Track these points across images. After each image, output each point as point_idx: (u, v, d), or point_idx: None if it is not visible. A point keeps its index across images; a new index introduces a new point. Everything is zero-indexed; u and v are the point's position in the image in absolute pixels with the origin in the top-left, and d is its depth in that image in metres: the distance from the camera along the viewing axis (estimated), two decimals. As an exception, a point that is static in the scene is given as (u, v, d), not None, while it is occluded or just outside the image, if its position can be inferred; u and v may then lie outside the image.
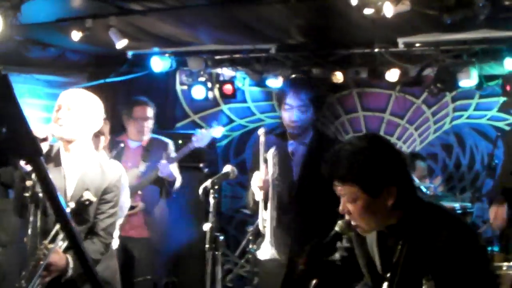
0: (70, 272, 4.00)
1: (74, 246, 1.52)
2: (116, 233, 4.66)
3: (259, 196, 4.75)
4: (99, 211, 4.28)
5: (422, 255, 2.86)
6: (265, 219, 4.70)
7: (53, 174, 4.25)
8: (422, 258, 2.85)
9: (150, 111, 6.92)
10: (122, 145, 6.77)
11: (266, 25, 6.91)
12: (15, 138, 1.32)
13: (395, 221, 2.96)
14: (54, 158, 4.29)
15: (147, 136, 6.90)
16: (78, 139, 4.27)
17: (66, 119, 4.16)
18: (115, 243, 4.66)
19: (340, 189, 2.98)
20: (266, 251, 4.59)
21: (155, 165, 6.57)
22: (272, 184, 4.70)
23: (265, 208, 4.73)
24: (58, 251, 3.96)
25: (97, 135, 5.56)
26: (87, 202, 4.14)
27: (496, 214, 6.16)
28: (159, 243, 7.00)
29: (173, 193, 6.96)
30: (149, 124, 6.90)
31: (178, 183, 6.81)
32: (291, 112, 4.89)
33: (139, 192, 6.62)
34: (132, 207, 6.40)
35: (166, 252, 7.75)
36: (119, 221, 5.30)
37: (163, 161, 6.54)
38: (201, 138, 6.80)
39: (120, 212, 4.99)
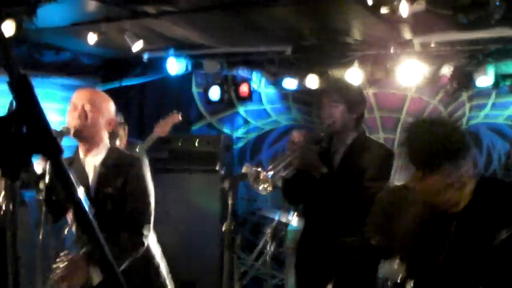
0: (96, 280, 3.92)
1: (97, 250, 1.51)
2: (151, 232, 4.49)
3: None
4: (126, 205, 4.21)
5: None
6: None
7: (78, 176, 4.27)
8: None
9: None
10: (137, 149, 6.80)
11: (280, 27, 6.91)
12: (36, 137, 1.32)
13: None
14: (77, 162, 4.31)
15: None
16: (95, 136, 4.28)
17: (85, 119, 4.18)
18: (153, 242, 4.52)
19: None
20: None
21: None
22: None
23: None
24: (76, 260, 3.89)
25: (113, 137, 5.58)
26: (110, 198, 4.14)
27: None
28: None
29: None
30: None
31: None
32: (323, 110, 4.91)
33: None
34: None
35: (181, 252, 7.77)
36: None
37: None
38: (162, 126, 6.81)
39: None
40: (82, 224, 1.46)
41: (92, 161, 4.30)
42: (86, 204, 1.48)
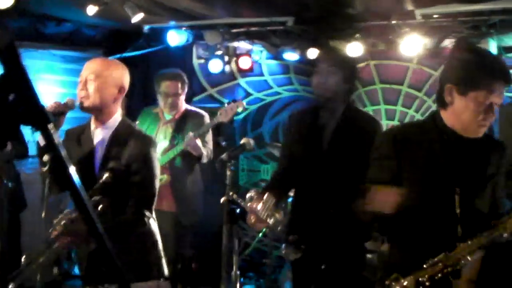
0: (93, 244, 3.94)
1: (86, 218, 1.51)
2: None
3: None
4: (132, 181, 4.18)
5: None
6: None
7: (84, 149, 4.27)
8: None
9: (179, 86, 6.82)
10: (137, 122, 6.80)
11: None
12: (23, 106, 1.31)
13: None
14: (86, 134, 4.30)
15: (178, 109, 6.85)
16: (102, 107, 4.21)
17: (94, 87, 4.15)
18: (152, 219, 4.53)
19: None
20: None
21: (180, 138, 6.56)
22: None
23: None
24: (79, 220, 3.89)
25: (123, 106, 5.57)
26: (116, 173, 4.12)
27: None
28: (188, 220, 6.94)
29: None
30: (179, 98, 6.83)
31: (204, 159, 6.73)
32: (320, 75, 4.87)
33: (167, 166, 6.59)
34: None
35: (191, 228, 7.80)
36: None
37: (190, 135, 6.47)
38: (225, 112, 6.72)
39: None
40: (72, 195, 1.45)
41: (101, 134, 4.26)
42: (74, 174, 1.47)
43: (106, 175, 3.97)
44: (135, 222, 4.20)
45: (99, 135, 4.27)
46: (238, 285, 4.36)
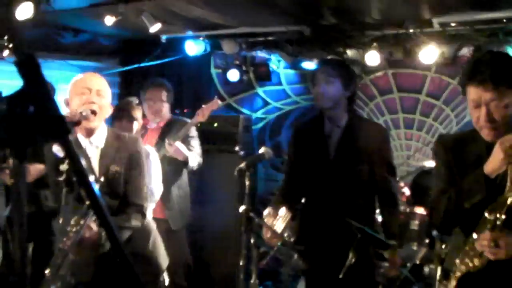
0: (107, 246, 4.01)
1: (104, 224, 1.52)
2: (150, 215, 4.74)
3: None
4: (128, 179, 4.44)
5: None
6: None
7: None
8: None
9: (164, 95, 6.95)
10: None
11: (298, 7, 6.88)
12: (43, 117, 1.33)
13: None
14: (75, 142, 4.38)
15: (163, 117, 6.94)
16: (102, 119, 4.48)
17: (98, 105, 4.27)
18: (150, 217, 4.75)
19: (489, 95, 3.23)
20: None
21: (162, 144, 6.64)
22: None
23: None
24: (90, 226, 3.98)
25: (131, 120, 5.65)
26: (116, 175, 4.27)
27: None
28: (177, 224, 6.98)
29: (191, 174, 7.01)
30: (163, 106, 6.94)
31: (193, 163, 6.80)
32: (318, 86, 4.89)
33: None
34: None
35: (200, 233, 7.81)
36: (151, 206, 5.40)
37: (167, 140, 6.57)
38: (203, 112, 6.82)
39: (151, 197, 5.11)
40: (92, 203, 1.47)
41: (95, 142, 4.43)
42: (94, 185, 1.50)
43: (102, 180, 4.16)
44: (137, 216, 4.41)
45: (93, 143, 4.46)
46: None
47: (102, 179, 4.22)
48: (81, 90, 4.32)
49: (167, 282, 5.83)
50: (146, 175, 4.63)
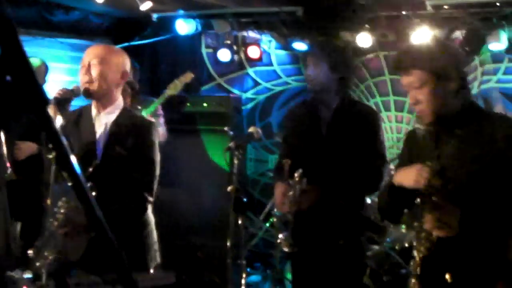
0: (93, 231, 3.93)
1: (87, 208, 1.48)
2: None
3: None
4: (134, 168, 4.20)
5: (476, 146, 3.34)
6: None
7: (85, 133, 4.26)
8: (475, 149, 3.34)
9: None
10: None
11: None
12: (20, 87, 1.27)
13: (457, 109, 3.41)
14: (86, 118, 4.29)
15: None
16: (105, 92, 4.23)
17: (95, 74, 4.14)
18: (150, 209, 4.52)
19: (407, 79, 3.42)
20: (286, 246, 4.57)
21: None
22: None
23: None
24: (79, 209, 3.85)
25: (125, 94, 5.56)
26: (118, 158, 4.13)
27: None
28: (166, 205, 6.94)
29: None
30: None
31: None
32: (308, 68, 4.87)
33: None
34: None
35: (182, 216, 7.78)
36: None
37: None
38: (175, 85, 6.77)
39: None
40: (72, 180, 1.42)
41: (104, 119, 4.27)
42: (73, 159, 1.44)
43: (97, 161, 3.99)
44: (136, 209, 4.21)
45: (101, 120, 4.27)
46: (244, 275, 4.34)
47: (98, 160, 4.05)
48: (81, 65, 4.23)
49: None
50: (154, 167, 4.30)
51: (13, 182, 5.42)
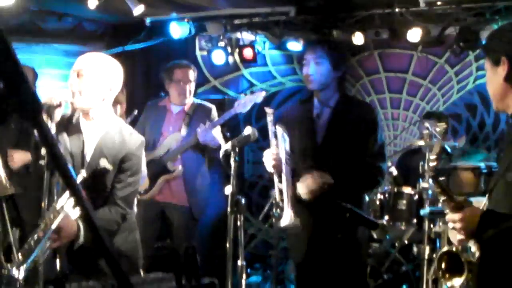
0: (81, 238, 3.91)
1: (83, 213, 1.47)
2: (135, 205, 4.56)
3: (271, 169, 4.75)
4: (117, 180, 4.19)
5: None
6: (281, 189, 4.66)
7: (73, 142, 4.22)
8: None
9: (191, 74, 6.78)
10: (135, 112, 6.77)
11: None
12: (13, 94, 1.26)
13: None
14: (75, 125, 4.25)
15: (189, 99, 6.78)
16: (96, 105, 4.17)
17: (81, 87, 4.09)
18: (133, 215, 4.55)
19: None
20: (286, 218, 4.55)
21: (195, 130, 6.47)
22: (285, 159, 4.65)
23: (280, 180, 4.69)
24: (68, 216, 3.80)
25: (114, 104, 5.52)
26: (103, 170, 4.10)
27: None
28: (198, 212, 6.90)
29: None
30: (191, 86, 6.77)
31: (222, 151, 6.62)
32: (307, 67, 4.84)
33: (179, 157, 6.56)
34: (170, 172, 6.49)
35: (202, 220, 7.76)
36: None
37: (202, 127, 6.41)
38: (244, 103, 6.67)
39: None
40: (68, 186, 1.41)
41: (91, 129, 4.23)
42: (71, 169, 1.43)
43: (83, 173, 3.94)
44: (117, 220, 4.20)
45: (88, 129, 4.24)
46: (244, 276, 4.33)
47: (84, 172, 3.93)
48: (71, 74, 4.19)
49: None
50: (138, 178, 4.36)
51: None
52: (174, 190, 6.58)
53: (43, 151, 3.77)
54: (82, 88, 4.08)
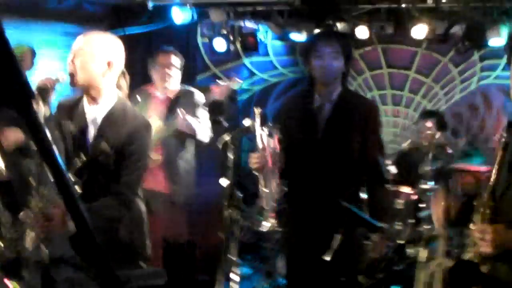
0: (70, 227, 3.79)
1: (69, 203, 1.38)
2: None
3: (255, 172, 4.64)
4: (119, 164, 4.02)
5: None
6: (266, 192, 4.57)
7: (76, 125, 4.12)
8: None
9: (174, 59, 6.69)
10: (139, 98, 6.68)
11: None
12: (3, 79, 1.16)
13: None
14: (80, 109, 4.13)
15: (173, 86, 6.69)
16: (95, 81, 4.03)
17: (78, 62, 3.98)
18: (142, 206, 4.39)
19: None
20: (266, 224, 4.48)
21: (174, 117, 6.39)
22: (272, 160, 4.54)
23: (265, 185, 4.60)
24: (59, 204, 3.71)
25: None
26: (103, 154, 3.98)
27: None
28: (179, 197, 6.82)
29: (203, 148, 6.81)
30: (173, 72, 6.67)
31: (203, 138, 6.58)
32: (323, 60, 4.71)
33: (158, 145, 6.47)
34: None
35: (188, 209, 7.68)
36: None
37: (179, 113, 6.33)
38: (220, 90, 6.63)
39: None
40: (54, 176, 1.31)
41: (94, 112, 4.10)
42: (56, 153, 1.33)
43: (83, 157, 3.85)
44: (117, 207, 4.05)
45: (92, 112, 4.10)
46: (236, 270, 4.28)
47: (84, 157, 3.89)
48: (71, 49, 4.08)
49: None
50: (144, 162, 4.18)
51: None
52: (154, 177, 6.48)
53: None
54: (79, 64, 3.96)
